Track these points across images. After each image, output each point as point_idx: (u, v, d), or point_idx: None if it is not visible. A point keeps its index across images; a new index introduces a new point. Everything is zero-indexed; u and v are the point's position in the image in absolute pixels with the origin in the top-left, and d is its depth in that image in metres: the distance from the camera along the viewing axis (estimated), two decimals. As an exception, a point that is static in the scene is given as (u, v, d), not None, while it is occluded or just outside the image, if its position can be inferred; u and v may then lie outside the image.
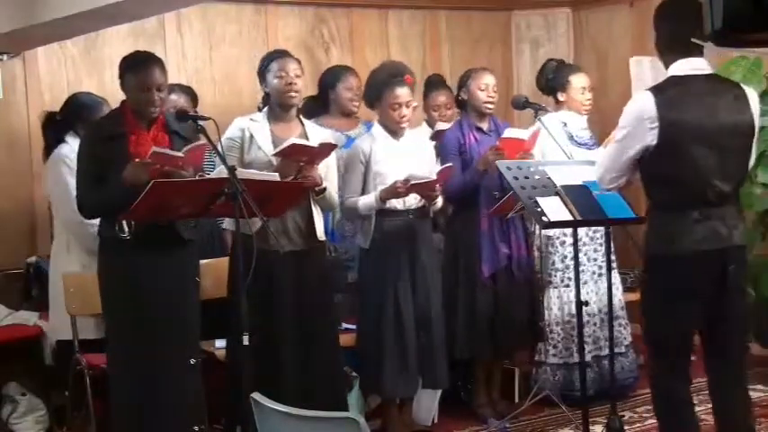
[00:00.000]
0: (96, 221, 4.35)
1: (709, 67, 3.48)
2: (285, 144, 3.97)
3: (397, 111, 4.44)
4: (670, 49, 3.44)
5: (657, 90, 3.38)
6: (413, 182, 4.30)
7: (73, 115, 4.61)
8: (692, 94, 3.39)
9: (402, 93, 4.45)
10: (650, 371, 3.69)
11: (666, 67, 3.46)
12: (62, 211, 4.58)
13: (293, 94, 4.21)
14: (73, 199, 4.34)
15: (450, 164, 4.60)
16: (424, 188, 4.37)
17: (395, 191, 4.34)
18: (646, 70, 4.10)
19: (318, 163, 4.08)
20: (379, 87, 4.47)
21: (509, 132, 4.74)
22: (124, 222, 3.79)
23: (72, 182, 4.36)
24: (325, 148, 4.10)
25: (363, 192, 4.46)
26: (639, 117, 3.35)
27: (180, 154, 3.74)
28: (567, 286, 5.02)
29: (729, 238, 3.44)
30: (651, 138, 3.33)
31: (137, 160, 3.74)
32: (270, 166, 4.06)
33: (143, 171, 3.67)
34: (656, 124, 3.31)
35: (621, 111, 3.50)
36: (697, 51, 3.41)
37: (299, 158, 4.00)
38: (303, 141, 4.07)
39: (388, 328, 4.43)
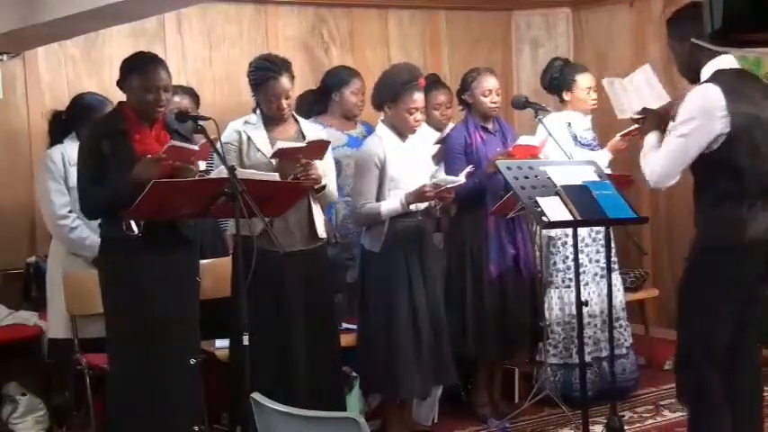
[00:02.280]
0: (69, 222, 4.42)
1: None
2: (275, 148, 4.00)
3: (413, 115, 4.43)
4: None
5: (717, 81, 3.41)
6: (445, 186, 4.30)
7: (78, 115, 4.60)
8: (747, 86, 3.48)
9: (419, 98, 4.44)
10: (689, 360, 3.58)
11: (702, 65, 3.48)
12: (42, 212, 4.67)
13: (285, 114, 4.24)
14: (50, 201, 4.43)
15: (475, 176, 4.59)
16: (449, 191, 4.37)
17: (422, 194, 4.33)
18: (618, 90, 4.12)
19: (317, 159, 4.09)
20: (397, 90, 4.42)
21: (522, 140, 4.77)
22: (132, 221, 3.77)
23: (51, 185, 4.48)
24: (317, 145, 4.09)
25: (377, 196, 4.44)
26: (710, 107, 3.37)
27: (196, 147, 3.75)
28: (569, 287, 5.02)
29: None
30: (722, 126, 3.36)
31: (148, 156, 3.74)
32: (270, 168, 4.07)
33: (155, 166, 3.67)
34: (726, 113, 3.35)
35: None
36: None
37: (296, 158, 4.01)
38: (289, 144, 4.07)
39: (404, 329, 4.41)
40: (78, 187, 3.95)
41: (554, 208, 3.90)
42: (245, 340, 3.61)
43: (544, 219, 3.88)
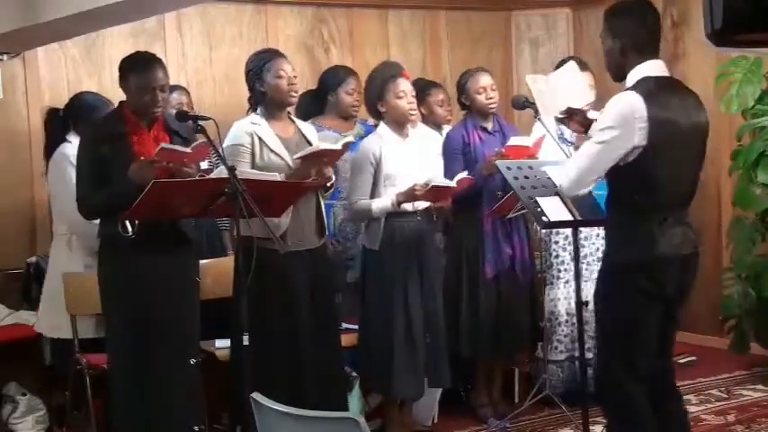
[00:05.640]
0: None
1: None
2: (311, 149, 4.01)
3: (404, 98, 4.44)
4: (640, 50, 3.38)
5: (641, 90, 3.31)
6: (433, 184, 4.30)
7: (76, 114, 4.59)
8: (670, 95, 3.37)
9: (405, 85, 4.46)
10: (612, 378, 3.51)
11: (629, 68, 3.39)
12: (68, 211, 4.55)
13: (294, 93, 4.23)
14: None
15: (471, 176, 4.59)
16: (441, 193, 4.37)
17: (413, 194, 4.33)
18: (542, 87, 4.10)
19: (336, 161, 4.10)
20: (382, 83, 4.47)
21: (514, 140, 4.74)
22: (127, 221, 3.78)
23: None
24: (343, 149, 4.13)
25: (373, 193, 4.45)
26: (630, 116, 3.27)
27: (188, 150, 3.74)
28: (567, 281, 5.01)
29: (696, 244, 3.46)
30: (639, 138, 3.27)
31: (142, 158, 3.74)
32: (286, 168, 4.07)
33: (149, 169, 3.67)
34: (646, 125, 3.26)
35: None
36: (658, 53, 3.41)
37: (321, 160, 4.03)
38: (330, 146, 4.09)
39: (398, 328, 4.42)
40: (78, 189, 3.93)
41: (554, 208, 3.89)
42: (246, 340, 3.62)
43: (544, 219, 3.88)
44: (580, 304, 4.11)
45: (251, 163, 4.09)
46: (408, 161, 4.47)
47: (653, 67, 3.38)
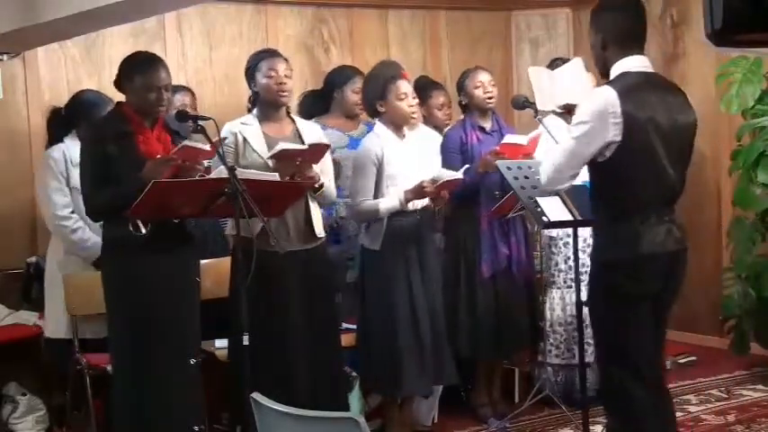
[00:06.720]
0: (71, 224, 4.43)
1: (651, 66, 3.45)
2: (275, 150, 3.98)
3: (406, 100, 4.43)
4: (621, 44, 3.36)
5: (618, 85, 3.30)
6: (442, 180, 4.30)
7: (78, 112, 4.59)
8: (650, 91, 3.34)
9: (406, 86, 4.46)
10: (612, 380, 3.50)
11: (611, 63, 3.38)
12: (43, 212, 4.67)
13: (284, 93, 4.22)
14: (50, 201, 4.43)
15: (468, 165, 4.58)
16: (448, 187, 4.37)
17: (421, 191, 4.33)
18: (544, 80, 4.07)
19: (315, 163, 4.08)
20: (383, 84, 4.45)
21: (509, 138, 4.74)
22: (139, 221, 3.77)
23: (52, 185, 4.48)
24: (318, 149, 4.09)
25: (375, 193, 4.43)
26: (603, 111, 3.25)
27: (207, 147, 3.74)
28: (570, 287, 5.00)
29: (682, 241, 3.43)
30: (614, 133, 3.25)
31: (158, 156, 3.74)
32: (266, 168, 4.06)
33: (164, 167, 3.67)
34: (620, 120, 3.23)
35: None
36: (642, 49, 3.40)
37: (294, 159, 4.01)
38: (292, 146, 4.05)
39: (405, 327, 4.41)
40: (82, 190, 3.93)
41: (554, 208, 3.89)
42: (245, 340, 3.62)
43: (544, 219, 3.88)
44: (580, 305, 4.11)
45: (235, 161, 4.09)
46: (409, 161, 4.46)
47: (634, 62, 3.36)
